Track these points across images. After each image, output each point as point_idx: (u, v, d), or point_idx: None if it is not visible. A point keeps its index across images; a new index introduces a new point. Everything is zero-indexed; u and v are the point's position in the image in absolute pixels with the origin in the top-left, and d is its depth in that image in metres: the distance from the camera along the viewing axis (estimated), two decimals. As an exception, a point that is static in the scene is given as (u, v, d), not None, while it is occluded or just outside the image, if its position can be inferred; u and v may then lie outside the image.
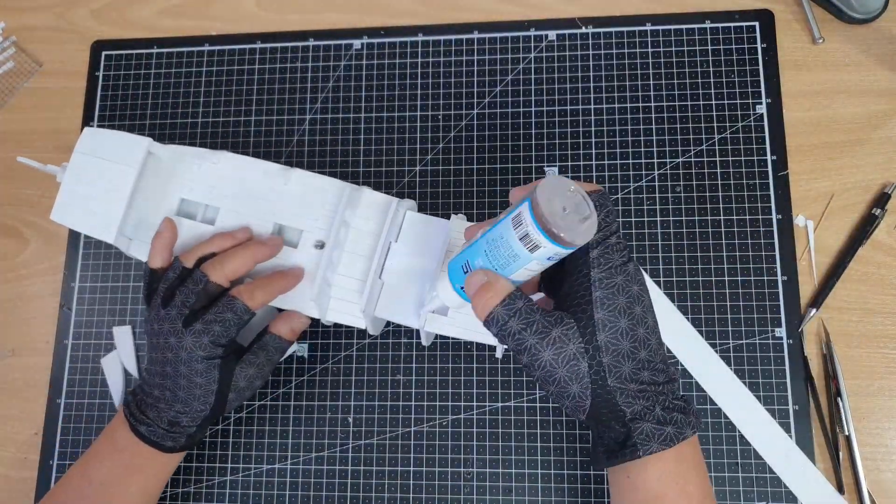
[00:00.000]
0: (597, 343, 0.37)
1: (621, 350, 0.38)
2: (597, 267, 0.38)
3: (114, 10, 0.69)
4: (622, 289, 0.38)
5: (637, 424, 0.38)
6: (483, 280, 0.39)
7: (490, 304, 0.38)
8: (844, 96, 0.60)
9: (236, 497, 0.56)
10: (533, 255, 0.37)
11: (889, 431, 0.54)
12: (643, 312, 0.39)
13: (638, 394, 0.38)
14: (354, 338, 0.58)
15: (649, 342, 0.39)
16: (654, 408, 0.38)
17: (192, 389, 0.47)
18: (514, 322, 0.38)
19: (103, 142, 0.52)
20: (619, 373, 0.38)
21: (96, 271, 0.62)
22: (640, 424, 0.38)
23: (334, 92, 0.64)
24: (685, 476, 0.39)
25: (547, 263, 0.38)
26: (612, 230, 0.39)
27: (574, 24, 0.63)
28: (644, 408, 0.38)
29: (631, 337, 0.38)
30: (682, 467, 0.39)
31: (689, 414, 0.39)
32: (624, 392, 0.38)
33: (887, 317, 0.56)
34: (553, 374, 0.38)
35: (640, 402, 0.38)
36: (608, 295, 0.38)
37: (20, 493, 0.59)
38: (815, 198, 0.58)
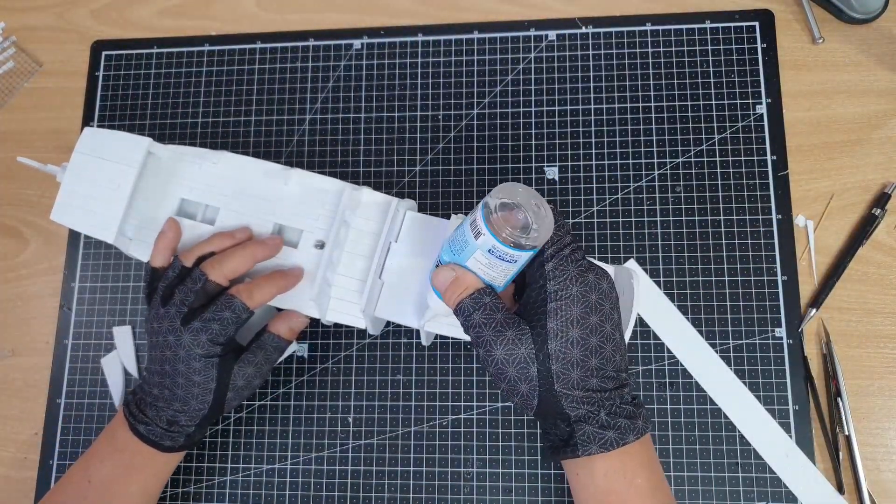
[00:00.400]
0: (547, 351, 0.40)
1: (571, 358, 0.40)
2: (552, 279, 0.40)
3: (114, 10, 0.69)
4: (577, 299, 0.40)
5: (580, 426, 0.40)
6: (452, 276, 0.41)
7: (459, 294, 0.41)
8: (844, 96, 0.60)
9: (236, 497, 0.56)
10: (477, 241, 0.40)
11: (889, 431, 0.54)
12: (599, 322, 0.40)
13: (583, 399, 0.40)
14: (354, 338, 0.58)
15: (602, 350, 0.40)
16: (598, 413, 0.40)
17: (191, 388, 0.47)
18: (478, 315, 0.41)
19: (103, 142, 0.52)
20: (566, 379, 0.40)
21: (96, 271, 0.62)
22: (583, 427, 0.40)
23: (334, 92, 0.64)
24: (633, 472, 0.40)
25: (494, 261, 0.40)
26: (565, 242, 0.41)
27: (574, 24, 0.63)
28: (588, 412, 0.40)
29: (582, 346, 0.40)
30: (628, 465, 0.40)
31: (636, 418, 0.41)
32: (569, 397, 0.40)
33: (887, 317, 0.56)
34: (504, 371, 0.40)
35: (584, 407, 0.40)
36: (561, 306, 0.40)
37: (20, 493, 0.59)
38: (815, 198, 0.58)
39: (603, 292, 0.41)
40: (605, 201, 0.59)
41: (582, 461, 0.41)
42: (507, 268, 0.41)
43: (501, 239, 0.39)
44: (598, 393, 0.40)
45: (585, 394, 0.40)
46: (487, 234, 0.39)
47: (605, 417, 0.40)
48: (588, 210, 0.59)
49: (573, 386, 0.40)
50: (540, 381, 0.40)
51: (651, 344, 0.56)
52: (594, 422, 0.40)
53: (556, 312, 0.40)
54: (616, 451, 0.40)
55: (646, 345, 0.56)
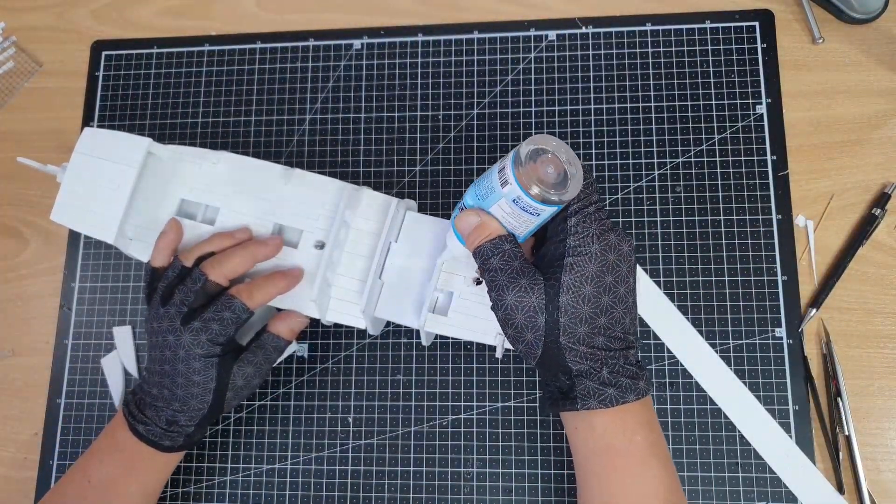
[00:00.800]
0: (557, 303, 0.40)
1: (580, 314, 0.40)
2: (573, 234, 0.41)
3: (114, 10, 0.69)
4: (595, 257, 0.40)
5: (581, 381, 0.41)
6: (477, 221, 0.42)
7: (479, 237, 0.42)
8: (844, 96, 0.60)
9: (236, 497, 0.56)
10: (503, 190, 0.40)
11: (889, 431, 0.54)
12: (614, 282, 0.41)
13: (587, 355, 0.40)
14: (354, 338, 0.58)
15: (613, 311, 0.41)
16: (600, 369, 0.41)
17: (190, 388, 0.47)
18: (496, 260, 0.42)
19: (103, 142, 0.52)
20: (572, 333, 0.40)
21: (96, 271, 0.62)
22: (584, 381, 0.41)
23: (334, 92, 0.64)
24: (633, 429, 0.41)
25: (518, 211, 0.41)
26: (591, 200, 0.42)
27: (574, 24, 0.63)
28: (591, 368, 0.41)
29: (593, 303, 0.40)
30: (628, 422, 0.41)
31: (639, 379, 0.41)
32: (573, 351, 0.40)
33: (887, 317, 0.56)
34: (512, 317, 0.41)
35: (587, 363, 0.41)
36: (578, 262, 0.40)
37: (20, 493, 0.59)
38: (815, 198, 0.58)
39: (622, 254, 0.41)
40: (605, 201, 0.59)
41: (581, 416, 0.42)
42: (529, 219, 0.41)
43: (528, 191, 0.39)
44: (602, 351, 0.40)
45: (590, 350, 0.40)
46: (514, 185, 0.39)
47: (606, 375, 0.40)
48: (588, 210, 0.59)
49: (579, 341, 0.40)
50: (546, 332, 0.40)
51: (651, 344, 0.56)
52: (595, 378, 0.40)
53: (572, 267, 0.40)
54: (615, 408, 0.40)
55: (646, 345, 0.56)
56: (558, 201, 0.40)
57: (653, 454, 0.41)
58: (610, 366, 0.41)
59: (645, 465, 0.41)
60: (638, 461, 0.41)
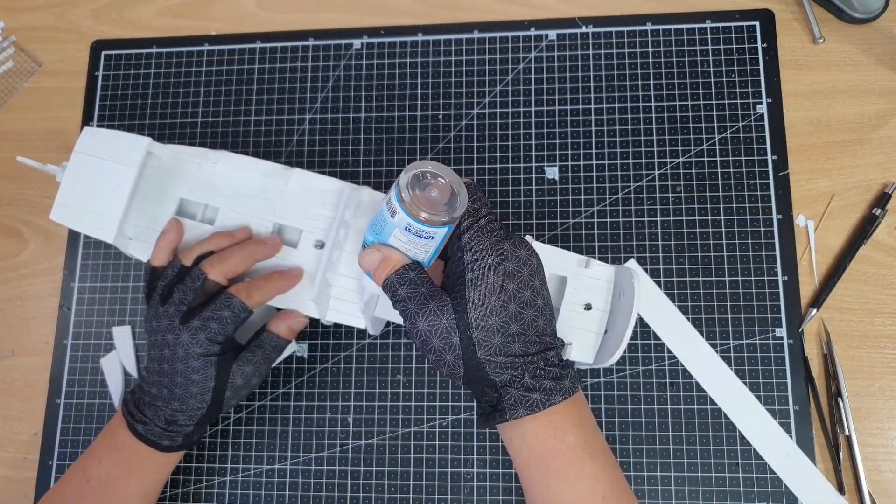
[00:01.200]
0: (467, 319, 0.40)
1: (490, 326, 0.40)
2: (469, 250, 0.42)
3: (113, 9, 0.69)
4: (493, 268, 0.41)
5: (506, 391, 0.41)
6: (379, 256, 0.43)
7: (385, 270, 0.43)
8: (845, 96, 0.60)
9: (236, 497, 0.56)
10: (393, 220, 0.41)
11: (889, 431, 0.54)
12: (517, 288, 0.41)
13: (506, 365, 0.41)
14: (354, 338, 0.58)
15: (522, 316, 0.41)
16: (522, 376, 0.41)
17: (189, 387, 0.47)
18: (403, 290, 0.42)
19: (103, 142, 0.51)
20: (488, 346, 0.40)
21: (96, 271, 0.62)
22: (509, 391, 0.41)
23: (334, 92, 0.64)
24: (564, 430, 0.41)
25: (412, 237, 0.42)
26: (480, 214, 0.42)
27: (574, 24, 0.63)
28: (513, 377, 0.41)
29: (501, 313, 0.40)
30: (558, 424, 0.41)
31: (563, 379, 0.41)
32: (493, 364, 0.41)
33: (888, 317, 0.56)
34: (429, 342, 0.42)
35: (508, 372, 0.41)
36: (479, 276, 0.41)
37: (20, 493, 0.59)
38: (815, 198, 0.58)
39: (521, 260, 0.42)
40: (605, 201, 0.59)
41: (513, 425, 0.42)
42: (426, 244, 0.42)
43: (414, 216, 0.40)
44: (520, 357, 0.41)
45: (508, 359, 0.40)
46: (402, 213, 0.41)
47: (529, 380, 0.41)
48: (588, 210, 0.59)
49: (496, 352, 0.40)
50: (463, 350, 0.41)
51: (651, 344, 0.56)
52: (519, 385, 0.41)
53: (473, 282, 0.41)
54: (544, 411, 0.41)
55: (646, 345, 0.56)
56: (447, 221, 0.41)
57: (586, 453, 0.41)
58: (531, 371, 0.41)
59: (579, 464, 0.41)
60: (572, 462, 0.41)
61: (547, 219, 0.59)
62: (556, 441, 0.41)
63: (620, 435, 0.55)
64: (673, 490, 0.53)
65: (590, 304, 0.50)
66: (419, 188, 0.41)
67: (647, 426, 0.55)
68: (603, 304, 0.50)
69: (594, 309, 0.50)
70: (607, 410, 0.55)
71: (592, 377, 0.56)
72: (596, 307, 0.50)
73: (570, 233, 0.59)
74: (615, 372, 0.56)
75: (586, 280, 0.50)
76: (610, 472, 0.42)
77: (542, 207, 0.59)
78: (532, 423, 0.41)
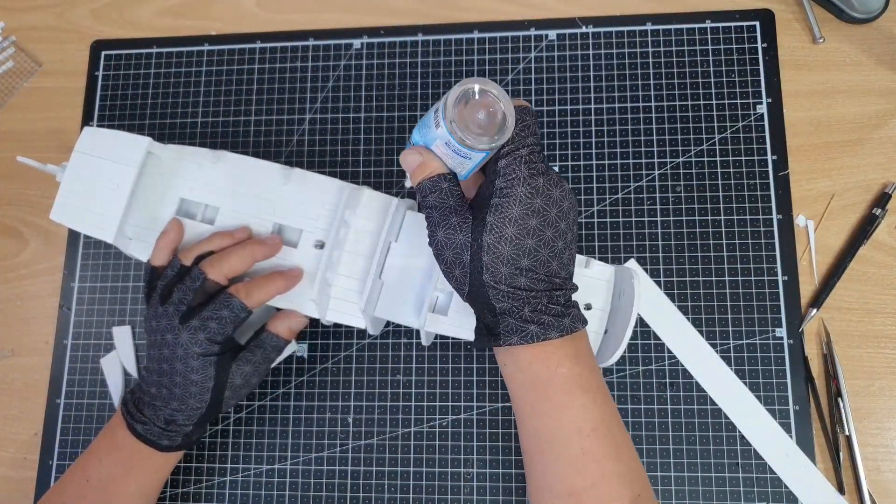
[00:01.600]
0: (480, 242, 0.41)
1: (502, 254, 0.41)
2: (501, 176, 0.41)
3: (113, 9, 0.69)
4: (520, 199, 0.41)
5: (504, 318, 0.41)
6: (419, 159, 0.43)
7: (421, 175, 0.43)
8: (845, 96, 0.60)
9: (236, 497, 0.56)
10: (436, 132, 0.41)
11: (890, 431, 0.54)
12: (539, 226, 0.41)
13: (508, 294, 0.41)
14: (354, 338, 0.58)
15: (537, 253, 0.41)
16: (522, 308, 0.41)
17: (188, 387, 0.47)
18: (432, 197, 0.43)
19: (103, 141, 0.51)
20: (494, 272, 0.41)
21: (96, 271, 0.62)
22: (507, 319, 0.41)
23: (334, 92, 0.64)
24: (557, 362, 0.41)
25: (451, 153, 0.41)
26: (525, 143, 0.42)
27: (574, 24, 0.63)
28: (512, 306, 0.41)
29: (515, 245, 0.40)
30: (552, 356, 0.41)
31: (563, 318, 0.41)
32: (496, 290, 0.41)
33: (888, 317, 0.56)
34: (442, 253, 0.42)
35: (509, 301, 0.41)
36: (503, 203, 0.41)
37: (20, 493, 0.59)
38: (815, 198, 0.58)
39: (551, 198, 0.41)
40: (606, 201, 0.59)
41: (508, 351, 0.42)
42: (463, 161, 0.42)
43: (454, 135, 0.40)
44: (524, 291, 0.41)
45: (511, 289, 0.41)
46: (443, 128, 0.40)
47: (528, 313, 0.41)
48: (588, 210, 0.59)
49: (500, 280, 0.41)
50: (472, 270, 0.41)
51: (651, 344, 0.56)
52: (517, 316, 0.41)
53: (496, 208, 0.41)
54: (540, 343, 0.41)
55: (646, 345, 0.56)
56: (485, 148, 0.40)
57: (578, 385, 0.41)
58: (532, 305, 0.41)
59: (570, 395, 0.41)
60: (562, 392, 0.41)
61: (547, 219, 0.59)
62: (548, 371, 0.41)
63: (620, 435, 0.55)
64: (673, 490, 0.53)
65: (590, 304, 0.50)
66: (467, 105, 0.40)
67: (647, 426, 0.55)
68: (603, 304, 0.50)
69: (594, 309, 0.50)
70: (607, 410, 0.55)
71: (592, 377, 0.56)
72: (596, 307, 0.50)
73: (570, 233, 0.59)
74: (615, 372, 0.56)
75: (586, 280, 0.50)
76: (602, 407, 0.42)
77: (542, 207, 0.59)
78: (525, 352, 0.42)
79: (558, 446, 0.41)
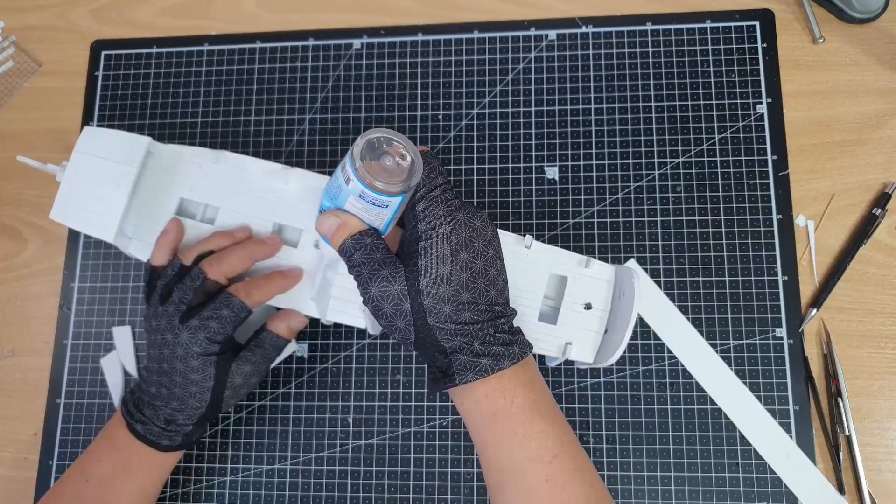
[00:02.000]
0: (418, 287, 0.41)
1: (441, 294, 0.41)
2: (422, 219, 0.42)
3: (113, 9, 0.69)
4: (446, 237, 0.41)
5: (456, 357, 0.41)
6: (336, 221, 0.43)
7: (341, 237, 0.43)
8: (845, 96, 0.60)
9: (236, 497, 0.56)
10: (348, 188, 0.41)
11: (890, 431, 0.54)
12: (470, 258, 0.41)
13: (456, 332, 0.41)
14: (354, 338, 0.58)
15: (474, 285, 0.41)
16: (472, 343, 0.41)
17: (188, 386, 0.47)
18: (358, 255, 0.43)
19: (103, 141, 0.52)
20: (438, 314, 0.41)
21: (96, 271, 0.62)
22: (459, 357, 0.41)
23: (334, 92, 0.64)
24: (513, 392, 0.42)
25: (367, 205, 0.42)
26: (436, 184, 0.43)
27: (574, 24, 0.63)
28: (462, 343, 0.41)
29: (452, 282, 0.41)
30: (507, 386, 0.42)
31: (512, 345, 0.42)
32: (443, 330, 0.41)
33: (888, 317, 0.56)
34: (381, 308, 0.42)
35: (458, 339, 0.41)
36: (431, 244, 0.41)
37: (20, 493, 0.59)
38: (815, 198, 0.58)
39: (474, 230, 0.42)
40: (605, 201, 0.59)
41: (465, 389, 0.42)
42: (380, 212, 0.42)
43: (368, 185, 0.40)
44: (470, 325, 0.41)
45: (458, 326, 0.41)
46: (355, 181, 0.41)
47: (478, 346, 0.41)
48: (588, 210, 0.59)
49: (446, 319, 0.41)
50: (414, 316, 0.42)
51: (651, 344, 0.56)
52: (468, 351, 0.41)
53: (426, 251, 0.41)
54: (494, 375, 0.41)
55: (646, 345, 0.56)
56: (400, 190, 0.41)
57: (536, 413, 0.42)
58: (480, 337, 0.41)
59: (529, 423, 0.41)
60: (521, 421, 0.41)
61: (547, 219, 0.59)
62: (506, 402, 0.41)
63: (620, 435, 0.55)
64: (673, 490, 0.53)
65: (590, 304, 0.50)
66: (374, 156, 0.41)
67: (647, 426, 0.55)
68: (603, 303, 0.50)
69: (594, 309, 0.50)
70: (607, 410, 0.55)
71: (592, 377, 0.56)
72: (596, 307, 0.50)
73: (570, 233, 0.59)
74: (615, 372, 0.56)
75: (586, 280, 0.50)
76: (560, 431, 0.42)
77: (542, 207, 0.59)
78: (481, 386, 0.42)
79: (522, 477, 0.41)
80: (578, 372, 0.56)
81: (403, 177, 0.41)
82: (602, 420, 0.55)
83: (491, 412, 0.42)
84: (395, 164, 0.41)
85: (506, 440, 0.41)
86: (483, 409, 0.42)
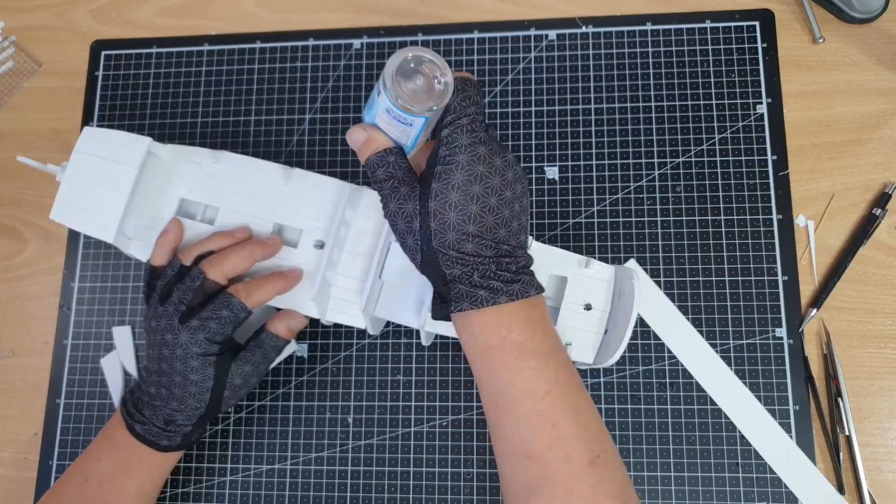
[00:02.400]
0: (428, 209, 0.42)
1: (447, 220, 0.41)
2: (444, 144, 0.42)
3: (113, 9, 0.69)
4: (462, 166, 0.41)
5: (454, 285, 0.42)
6: (364, 136, 0.44)
7: (367, 151, 0.44)
8: (845, 96, 0.60)
9: (236, 497, 0.56)
10: (378, 100, 0.42)
11: (889, 431, 0.54)
12: (483, 192, 0.41)
13: (457, 259, 0.41)
14: (354, 338, 0.58)
15: (482, 219, 0.41)
16: (471, 274, 0.42)
17: (188, 387, 0.47)
18: (381, 171, 0.43)
19: (103, 141, 0.51)
20: (442, 238, 0.41)
21: (96, 271, 0.62)
22: (457, 285, 0.42)
23: (334, 92, 0.64)
24: (508, 327, 0.42)
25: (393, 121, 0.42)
26: (466, 112, 0.42)
27: (574, 24, 0.63)
28: (462, 272, 0.42)
29: (459, 210, 0.41)
30: (503, 321, 0.42)
31: (513, 283, 0.42)
32: (445, 255, 0.42)
33: (888, 317, 0.56)
34: (396, 224, 0.43)
35: (458, 268, 0.42)
36: (446, 170, 0.41)
37: (20, 493, 0.59)
38: (815, 198, 0.58)
39: (494, 167, 0.42)
40: (605, 201, 0.59)
41: (463, 318, 0.42)
42: (405, 129, 0.42)
43: (393, 100, 0.40)
44: (472, 257, 0.41)
45: (460, 255, 0.41)
46: (383, 94, 0.40)
47: (477, 279, 0.41)
48: (588, 210, 0.59)
49: (448, 246, 0.41)
50: (422, 237, 0.42)
51: (651, 344, 0.56)
52: (467, 282, 0.41)
53: (440, 175, 0.41)
54: (491, 308, 0.41)
55: (646, 345, 0.56)
56: (424, 111, 0.40)
57: (530, 350, 0.41)
58: (481, 271, 0.41)
59: (522, 359, 0.41)
60: (514, 356, 0.41)
61: (547, 219, 0.59)
62: (500, 337, 0.41)
63: (620, 435, 0.55)
64: (673, 490, 0.53)
65: (590, 304, 0.50)
66: (407, 73, 0.41)
67: (647, 426, 0.55)
68: (603, 304, 0.50)
69: (594, 309, 0.50)
70: (607, 410, 0.55)
71: (592, 377, 0.56)
72: (596, 307, 0.50)
73: (570, 233, 0.59)
74: (615, 372, 0.56)
75: (586, 280, 0.50)
76: (556, 369, 0.42)
77: (542, 207, 0.59)
78: (478, 317, 0.42)
79: (514, 410, 0.41)
80: (578, 372, 0.56)
81: (432, 98, 0.41)
82: (602, 420, 0.55)
83: (486, 345, 0.42)
84: (426, 85, 0.41)
85: (499, 373, 0.42)
86: (479, 340, 0.42)
